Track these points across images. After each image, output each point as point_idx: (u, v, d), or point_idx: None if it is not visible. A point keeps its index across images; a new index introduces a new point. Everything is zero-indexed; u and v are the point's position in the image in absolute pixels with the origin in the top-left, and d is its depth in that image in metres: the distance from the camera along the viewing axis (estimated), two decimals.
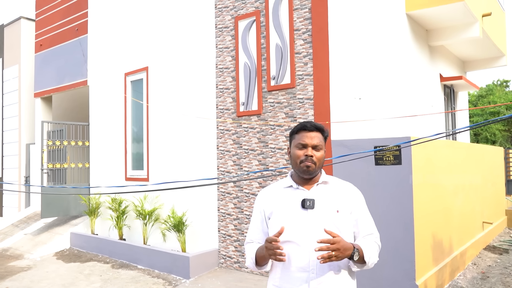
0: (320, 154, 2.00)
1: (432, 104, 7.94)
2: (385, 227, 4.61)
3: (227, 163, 6.38)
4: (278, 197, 2.05)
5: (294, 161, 2.02)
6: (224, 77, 6.48)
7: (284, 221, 1.96)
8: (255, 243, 2.09)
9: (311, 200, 1.94)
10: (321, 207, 1.95)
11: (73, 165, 9.33)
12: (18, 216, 10.49)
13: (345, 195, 2.03)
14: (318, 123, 2.06)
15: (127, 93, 8.24)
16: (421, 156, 4.71)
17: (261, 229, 2.09)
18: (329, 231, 1.82)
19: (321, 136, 2.03)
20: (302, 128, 2.03)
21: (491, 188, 8.15)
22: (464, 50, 9.16)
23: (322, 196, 1.99)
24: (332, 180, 2.08)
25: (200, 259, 6.14)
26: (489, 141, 20.29)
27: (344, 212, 1.98)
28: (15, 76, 11.66)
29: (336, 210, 1.96)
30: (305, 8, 5.57)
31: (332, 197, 2.00)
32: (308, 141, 1.99)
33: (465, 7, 6.65)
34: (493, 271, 5.78)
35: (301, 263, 1.91)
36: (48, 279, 6.23)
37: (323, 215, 1.94)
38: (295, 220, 1.95)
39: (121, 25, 8.47)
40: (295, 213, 1.96)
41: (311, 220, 1.93)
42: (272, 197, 2.07)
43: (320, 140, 2.01)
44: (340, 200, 2.00)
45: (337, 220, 1.95)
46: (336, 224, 1.94)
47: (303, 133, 2.01)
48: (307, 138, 1.99)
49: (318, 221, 1.93)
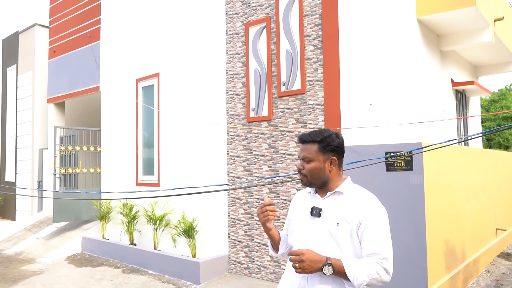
0: (310, 166, 2.00)
1: (444, 110, 7.88)
2: (397, 234, 4.56)
3: (237, 168, 6.39)
4: (300, 202, 2.14)
5: None
6: (235, 83, 6.51)
7: (295, 227, 2.08)
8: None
9: (318, 209, 1.98)
10: (326, 218, 1.97)
11: (85, 170, 9.43)
12: (30, 220, 10.62)
13: (355, 209, 1.94)
14: (315, 132, 2.04)
15: (138, 99, 8.32)
16: (432, 162, 4.67)
17: (287, 227, 2.20)
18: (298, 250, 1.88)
19: (315, 146, 2.00)
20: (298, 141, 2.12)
21: (505, 194, 8.03)
22: (476, 55, 9.09)
23: (330, 207, 1.99)
24: (350, 191, 2.01)
25: (210, 264, 6.15)
26: (502, 146, 20.01)
27: (345, 225, 1.91)
28: (29, 82, 11.86)
29: (337, 223, 1.93)
30: (315, 14, 5.58)
31: (339, 209, 1.96)
32: (299, 154, 2.07)
33: (477, 12, 6.61)
34: (507, 279, 5.68)
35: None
36: (60, 283, 6.29)
37: (325, 226, 1.96)
38: (302, 226, 2.03)
39: (133, 32, 8.58)
40: (304, 219, 2.04)
41: (314, 228, 1.98)
42: (297, 201, 2.17)
43: (309, 152, 2.00)
44: (346, 213, 1.94)
45: (336, 233, 1.92)
46: (334, 236, 1.92)
47: (299, 145, 2.13)
48: (299, 151, 2.08)
49: (320, 230, 1.97)
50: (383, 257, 1.91)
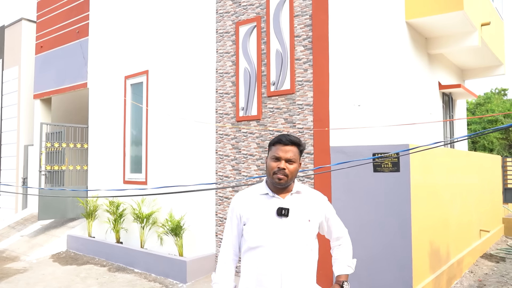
0: (293, 167, 2.10)
1: (431, 112, 7.98)
2: (383, 234, 4.62)
3: (225, 167, 6.39)
4: (254, 203, 2.14)
5: (269, 172, 2.12)
6: (224, 82, 6.50)
7: (260, 228, 2.07)
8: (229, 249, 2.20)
9: (286, 209, 2.05)
10: (295, 216, 2.07)
11: (71, 167, 9.32)
12: (14, 218, 10.46)
13: (316, 205, 2.17)
14: (295, 136, 2.16)
15: (126, 96, 8.25)
16: (419, 164, 4.73)
17: (236, 234, 2.19)
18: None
19: (296, 150, 2.13)
20: (278, 141, 2.13)
21: (489, 196, 8.18)
22: (463, 59, 9.23)
23: (295, 205, 2.10)
24: (304, 190, 2.20)
25: (197, 263, 6.13)
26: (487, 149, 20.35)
27: (314, 221, 2.13)
28: (15, 77, 11.67)
29: (308, 220, 2.10)
30: (306, 14, 5.60)
31: (304, 206, 2.12)
32: (282, 155, 2.09)
33: (464, 16, 6.71)
34: (489, 279, 5.79)
35: (273, 266, 2.01)
36: (44, 282, 6.21)
37: (296, 224, 2.06)
38: (270, 227, 2.05)
39: (122, 28, 8.50)
40: (270, 221, 2.06)
41: (285, 227, 2.05)
42: (248, 203, 2.16)
43: (294, 154, 2.11)
44: (311, 209, 2.14)
45: (308, 229, 2.09)
46: (307, 232, 2.08)
47: (279, 146, 2.12)
48: (281, 151, 2.10)
49: (291, 229, 2.05)
50: (345, 235, 2.32)
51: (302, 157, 5.59)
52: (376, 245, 4.64)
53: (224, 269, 2.18)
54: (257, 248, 2.06)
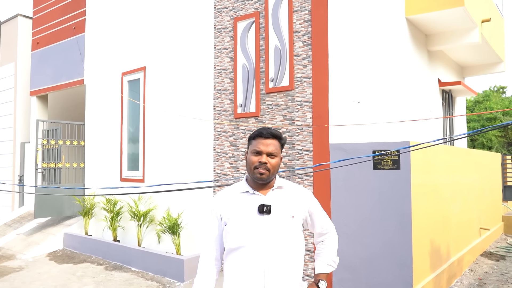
0: (275, 161, 2.03)
1: (431, 109, 7.92)
2: (383, 232, 4.56)
3: (223, 165, 6.32)
4: (235, 202, 2.06)
5: (249, 167, 2.04)
6: (222, 78, 6.43)
7: (241, 227, 1.98)
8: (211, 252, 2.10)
9: (268, 206, 1.98)
10: (277, 213, 2.00)
11: (67, 164, 9.24)
12: (11, 216, 10.37)
13: (299, 199, 2.10)
14: (275, 130, 2.07)
15: (123, 93, 8.17)
16: (419, 161, 4.66)
17: (217, 234, 2.10)
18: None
19: (278, 143, 2.06)
20: (258, 135, 2.05)
21: (488, 194, 8.13)
22: (463, 56, 9.17)
23: (277, 201, 2.03)
24: (286, 185, 2.12)
25: (195, 262, 6.06)
26: (485, 147, 20.32)
27: (298, 216, 2.06)
28: (11, 74, 11.56)
29: (291, 215, 2.02)
30: (305, 10, 5.53)
31: (287, 202, 2.05)
32: (263, 148, 2.01)
33: (465, 13, 6.64)
34: (490, 278, 5.74)
35: (256, 266, 1.94)
36: (39, 281, 6.13)
37: (279, 221, 1.99)
38: (251, 226, 1.97)
39: (119, 24, 8.41)
40: (252, 219, 1.98)
41: (267, 225, 1.97)
42: (228, 202, 2.08)
43: (276, 148, 2.03)
44: (294, 204, 2.06)
45: (292, 225, 2.01)
46: (291, 229, 2.01)
47: (259, 139, 2.04)
48: (262, 145, 2.02)
49: (274, 226, 1.97)
50: (331, 229, 2.24)
51: (301, 154, 5.53)
52: (376, 244, 4.58)
53: (204, 274, 2.08)
54: (239, 249, 1.97)
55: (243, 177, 5.76)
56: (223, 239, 2.08)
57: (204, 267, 2.09)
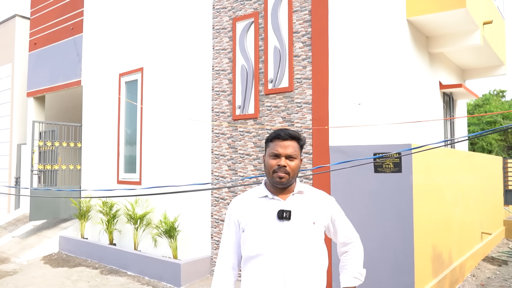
0: (294, 164, 1.92)
1: (432, 112, 7.83)
2: (384, 237, 4.45)
3: (221, 167, 6.21)
4: (253, 208, 1.95)
5: (268, 171, 1.94)
6: (221, 80, 6.33)
7: (259, 234, 1.88)
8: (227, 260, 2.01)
9: (288, 212, 1.86)
10: (298, 219, 1.88)
11: (64, 166, 9.12)
12: (6, 218, 10.24)
13: (321, 205, 1.98)
14: (293, 130, 1.97)
15: (121, 94, 8.07)
16: (421, 164, 4.56)
17: (235, 240, 1.99)
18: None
19: (296, 145, 1.95)
20: (276, 137, 1.94)
21: (490, 198, 8.03)
22: (464, 58, 9.08)
23: (298, 207, 1.92)
24: (307, 189, 2.01)
25: (192, 266, 5.95)
26: (485, 150, 20.25)
27: (320, 223, 1.94)
28: (8, 74, 11.46)
29: (313, 222, 1.91)
30: (305, 10, 5.44)
31: (308, 207, 1.94)
32: (281, 151, 1.91)
33: (466, 14, 6.56)
34: (492, 283, 5.63)
35: (275, 276, 1.82)
36: (33, 285, 6.01)
37: (299, 227, 1.87)
38: (270, 233, 1.87)
39: (116, 25, 8.32)
40: (271, 225, 1.88)
41: (287, 232, 1.86)
42: (246, 207, 1.97)
43: (295, 150, 1.93)
44: (316, 210, 1.95)
45: (313, 232, 1.90)
46: (312, 236, 1.89)
47: (277, 142, 1.93)
48: (280, 147, 1.91)
49: (294, 233, 1.86)
50: (355, 238, 2.09)
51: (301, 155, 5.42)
52: (377, 249, 4.47)
53: (220, 284, 1.97)
54: (257, 257, 1.86)
55: (240, 179, 5.66)
56: (240, 246, 1.97)
57: (220, 276, 1.98)
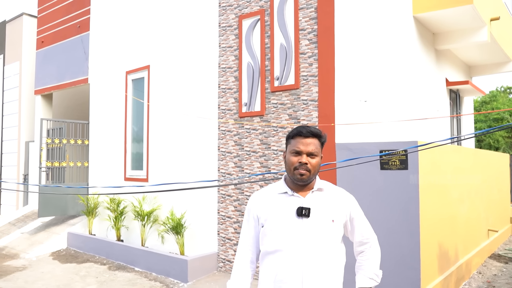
0: (316, 161, 1.93)
1: (438, 109, 7.81)
2: (390, 234, 4.47)
3: (228, 164, 6.25)
4: (273, 203, 1.97)
5: (289, 168, 1.96)
6: (227, 77, 6.36)
7: (278, 230, 1.90)
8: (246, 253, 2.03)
9: (307, 209, 1.88)
10: (317, 216, 1.90)
11: (72, 164, 9.21)
12: (15, 215, 10.37)
13: (340, 203, 1.99)
14: (315, 127, 1.97)
15: (128, 91, 8.12)
16: (427, 161, 4.57)
17: (254, 235, 2.02)
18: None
19: (318, 142, 1.96)
20: (297, 134, 1.95)
21: (496, 195, 8.00)
22: (471, 55, 9.04)
23: (317, 204, 1.93)
24: (327, 187, 2.02)
25: (199, 262, 6.01)
26: (492, 147, 20.13)
27: (338, 221, 1.95)
28: (16, 73, 11.56)
29: (332, 220, 1.92)
30: (311, 7, 5.45)
31: (327, 205, 1.94)
32: (303, 148, 1.92)
33: (473, 11, 6.53)
34: (499, 281, 5.63)
35: (293, 272, 1.84)
36: (42, 280, 6.10)
37: (318, 225, 1.89)
38: (289, 229, 1.88)
39: (123, 23, 8.37)
40: (290, 222, 1.90)
41: (306, 229, 1.87)
42: (266, 203, 1.99)
43: (316, 147, 1.94)
44: (335, 208, 1.96)
45: (332, 230, 1.91)
46: (331, 234, 1.90)
47: (298, 139, 1.94)
48: (302, 144, 1.93)
49: (313, 230, 1.88)
50: (372, 240, 2.09)
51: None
52: (383, 246, 4.47)
53: (239, 277, 1.99)
54: (275, 253, 1.89)
55: (246, 176, 5.69)
56: (259, 241, 2.00)
57: (238, 270, 2.01)
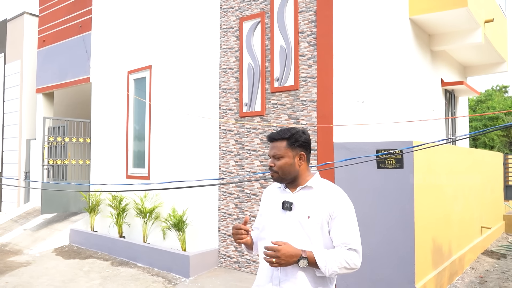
0: (281, 162, 2.09)
1: (433, 109, 7.99)
2: (386, 230, 4.65)
3: (229, 163, 6.41)
4: (271, 196, 2.22)
5: None
6: (228, 78, 6.51)
7: (266, 220, 2.16)
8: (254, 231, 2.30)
9: (289, 203, 2.06)
10: (297, 211, 2.05)
11: (73, 161, 9.34)
12: (17, 212, 10.50)
13: (322, 201, 2.03)
14: (279, 131, 2.14)
15: (129, 91, 8.26)
16: (422, 160, 4.75)
17: (259, 221, 2.29)
18: (275, 241, 1.95)
19: (282, 144, 2.10)
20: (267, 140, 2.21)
21: (490, 193, 8.20)
22: (466, 56, 9.22)
23: (300, 201, 2.07)
24: (319, 186, 2.10)
25: (200, 258, 6.17)
26: (487, 146, 20.36)
27: (316, 218, 2.00)
28: (17, 71, 11.66)
29: (307, 216, 2.01)
30: (310, 10, 5.60)
31: (309, 202, 2.05)
32: (268, 152, 2.18)
33: (468, 13, 6.70)
34: (491, 276, 5.82)
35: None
36: (47, 275, 6.25)
37: (296, 219, 2.04)
38: (273, 220, 2.11)
39: (125, 23, 8.49)
40: (275, 214, 2.11)
41: (286, 222, 2.06)
42: (268, 195, 2.26)
43: (279, 149, 2.10)
44: (314, 206, 2.02)
45: (307, 226, 2.00)
46: (305, 229, 2.01)
47: (269, 144, 2.19)
48: (269, 149, 2.17)
49: (291, 223, 2.04)
50: (352, 246, 1.98)
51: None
52: (379, 241, 4.67)
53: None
54: (262, 240, 2.13)
55: (246, 175, 5.86)
56: None
57: None
